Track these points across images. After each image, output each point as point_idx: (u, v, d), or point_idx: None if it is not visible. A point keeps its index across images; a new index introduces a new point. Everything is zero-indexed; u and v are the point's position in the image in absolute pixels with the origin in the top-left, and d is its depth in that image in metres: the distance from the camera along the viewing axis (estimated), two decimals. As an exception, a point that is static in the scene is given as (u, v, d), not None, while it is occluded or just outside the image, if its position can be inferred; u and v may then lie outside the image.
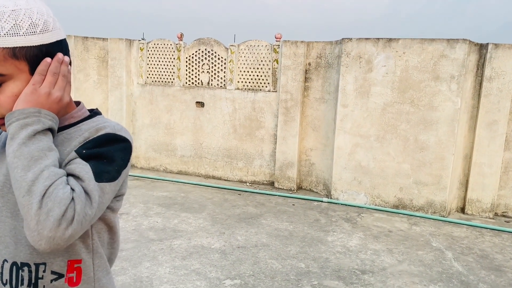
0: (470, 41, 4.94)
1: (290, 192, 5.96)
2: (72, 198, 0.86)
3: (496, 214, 5.33)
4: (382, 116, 5.26)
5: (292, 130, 5.96)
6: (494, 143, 5.12)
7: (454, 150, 5.05)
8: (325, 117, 5.83)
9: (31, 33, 0.91)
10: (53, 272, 0.98)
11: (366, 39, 5.25)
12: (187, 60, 6.59)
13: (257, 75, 6.20)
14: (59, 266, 0.99)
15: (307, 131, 6.04)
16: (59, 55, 0.97)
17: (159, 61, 6.74)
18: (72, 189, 0.88)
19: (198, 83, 6.57)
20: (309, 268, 3.66)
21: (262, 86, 6.19)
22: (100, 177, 0.92)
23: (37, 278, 0.97)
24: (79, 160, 0.93)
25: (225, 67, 6.37)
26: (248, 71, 6.24)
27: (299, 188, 6.21)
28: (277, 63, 6.07)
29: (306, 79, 5.95)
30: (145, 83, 6.86)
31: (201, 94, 6.50)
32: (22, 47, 0.90)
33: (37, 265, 0.97)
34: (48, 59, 0.94)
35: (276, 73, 6.10)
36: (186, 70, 6.61)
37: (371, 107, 5.29)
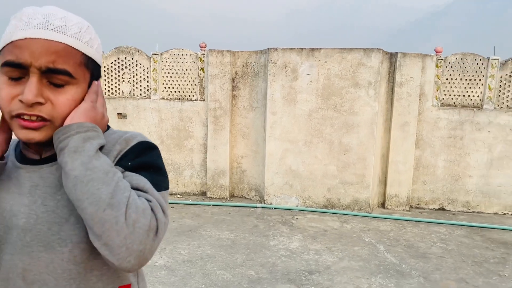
0: (383, 51, 5.43)
1: (224, 201, 5.97)
2: (151, 208, 0.84)
3: (411, 207, 5.90)
4: (308, 122, 5.53)
5: (223, 138, 5.98)
6: (407, 143, 5.67)
7: (374, 151, 5.50)
8: (254, 124, 5.96)
9: (98, 52, 0.94)
10: None
11: (291, 48, 5.49)
12: (105, 69, 6.26)
13: (183, 84, 6.12)
14: None
15: (237, 139, 6.10)
16: (99, 81, 0.97)
17: (74, 71, 6.31)
18: (147, 199, 0.85)
19: (119, 93, 6.27)
20: (259, 275, 3.70)
21: (189, 95, 6.13)
22: (158, 186, 0.90)
23: None
24: (128, 173, 0.89)
25: (148, 76, 6.18)
26: (173, 80, 6.12)
27: (232, 196, 6.24)
28: (204, 72, 6.05)
29: (233, 88, 6.02)
30: (59, 94, 6.36)
31: (123, 105, 6.22)
32: (93, 60, 0.92)
33: None
34: (97, 82, 0.94)
35: (203, 82, 6.08)
36: (105, 80, 6.28)
37: (298, 113, 5.53)
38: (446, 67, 5.69)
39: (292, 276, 3.70)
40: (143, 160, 0.92)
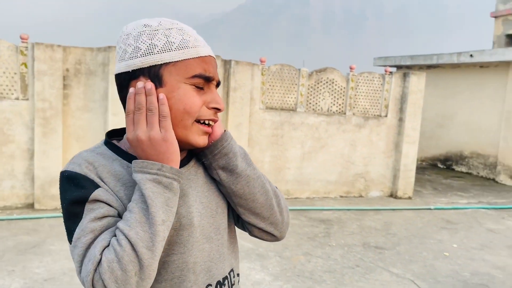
0: (221, 58, 5.89)
1: (59, 212, 5.39)
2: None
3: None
4: (154, 123, 5.54)
5: (54, 142, 5.39)
6: (241, 142, 6.30)
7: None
8: (91, 126, 5.58)
9: None
10: (237, 275, 1.06)
11: (134, 49, 5.39)
12: None
13: None
14: (237, 266, 1.07)
15: (70, 143, 5.59)
16: None
17: None
18: None
19: None
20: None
21: (7, 94, 5.28)
22: None
23: (232, 285, 1.02)
24: None
25: None
26: (-15, 75, 5.17)
27: (65, 204, 5.68)
28: (26, 67, 5.32)
29: (65, 86, 5.49)
30: None
31: None
32: None
33: (230, 274, 1.02)
34: None
35: (26, 78, 5.34)
36: None
37: (143, 115, 5.48)
38: (269, 75, 6.57)
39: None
40: None
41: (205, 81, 0.92)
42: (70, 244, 0.82)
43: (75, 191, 0.83)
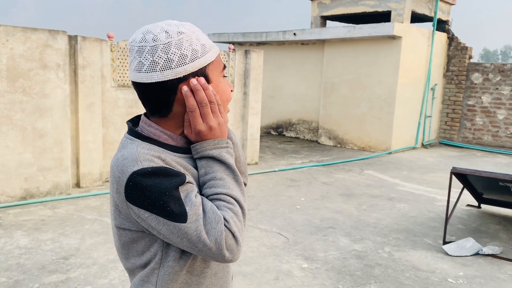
0: (67, 33, 5.46)
1: None
2: None
3: (104, 181, 6.36)
4: (-7, 108, 4.88)
5: None
6: (95, 122, 6.02)
7: (70, 133, 5.55)
8: None
9: None
10: None
11: (-41, 21, 4.59)
12: None
13: None
14: None
15: None
16: None
17: None
18: None
19: None
20: (14, 278, 3.36)
21: None
22: None
23: None
24: None
25: None
26: None
27: None
28: None
29: None
30: None
31: None
32: None
33: None
34: None
35: None
36: None
37: (-21, 98, 4.77)
38: (119, 51, 6.36)
39: (51, 267, 3.58)
40: None
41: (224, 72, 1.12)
42: (184, 222, 0.93)
43: (172, 179, 0.94)
